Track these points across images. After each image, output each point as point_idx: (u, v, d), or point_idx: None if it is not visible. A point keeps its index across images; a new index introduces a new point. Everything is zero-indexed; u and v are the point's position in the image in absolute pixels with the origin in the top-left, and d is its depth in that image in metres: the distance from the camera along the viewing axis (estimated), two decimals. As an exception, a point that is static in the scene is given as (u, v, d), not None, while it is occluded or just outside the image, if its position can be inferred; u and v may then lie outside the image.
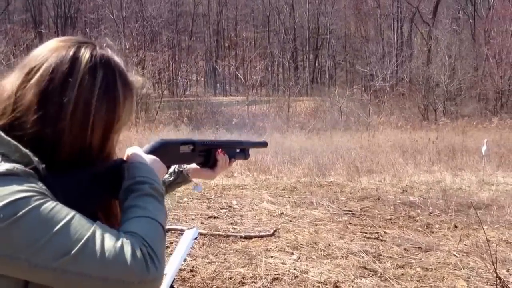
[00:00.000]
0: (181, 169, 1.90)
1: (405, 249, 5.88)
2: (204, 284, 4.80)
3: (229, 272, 5.05)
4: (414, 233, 6.58)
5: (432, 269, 5.20)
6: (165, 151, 1.57)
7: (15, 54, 24.84)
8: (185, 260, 5.25)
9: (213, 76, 50.99)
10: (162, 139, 1.61)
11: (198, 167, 1.88)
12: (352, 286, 4.73)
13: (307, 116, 29.38)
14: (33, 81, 1.16)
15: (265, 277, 4.90)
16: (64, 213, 1.05)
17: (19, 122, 1.15)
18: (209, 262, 5.31)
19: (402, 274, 5.06)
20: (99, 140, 1.21)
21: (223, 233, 6.29)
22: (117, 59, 1.27)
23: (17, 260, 0.99)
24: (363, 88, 41.19)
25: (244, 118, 25.61)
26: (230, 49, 51.88)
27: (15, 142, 1.11)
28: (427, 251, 5.81)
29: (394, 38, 43.77)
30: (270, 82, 45.60)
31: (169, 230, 6.28)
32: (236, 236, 6.20)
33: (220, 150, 1.91)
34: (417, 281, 4.89)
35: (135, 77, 1.33)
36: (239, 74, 39.05)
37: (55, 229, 1.02)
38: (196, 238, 3.55)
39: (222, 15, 54.22)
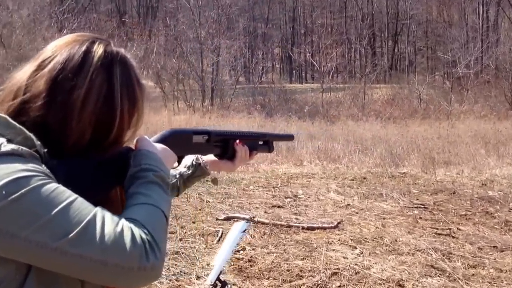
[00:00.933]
0: (199, 161, 1.82)
1: (478, 247, 5.49)
2: (261, 275, 4.65)
3: (287, 264, 4.89)
4: (490, 231, 6.16)
5: (506, 271, 4.81)
6: (176, 140, 1.52)
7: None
8: (238, 250, 5.13)
9: (289, 63, 50.75)
10: (172, 128, 1.55)
11: (216, 159, 1.81)
12: (417, 286, 4.45)
13: (384, 104, 28.58)
14: (45, 70, 1.17)
15: (324, 271, 4.70)
16: (66, 195, 1.04)
17: (25, 107, 1.16)
18: (268, 253, 5.16)
19: (473, 274, 4.72)
20: (114, 133, 1.21)
21: (285, 223, 6.12)
22: (132, 59, 1.29)
23: (17, 239, 0.99)
24: (444, 75, 39.70)
25: (318, 106, 25.28)
26: (306, 36, 51.38)
27: (20, 126, 1.11)
28: (503, 251, 5.40)
29: (479, 23, 41.81)
30: (346, 69, 44.73)
31: (232, 218, 6.19)
32: (298, 227, 6.02)
33: (238, 141, 1.81)
34: (489, 283, 4.54)
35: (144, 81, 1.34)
36: (313, 62, 38.61)
37: (56, 209, 1.01)
38: (245, 231, 3.41)
39: (298, 2, 53.68)
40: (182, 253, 4.97)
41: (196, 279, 4.43)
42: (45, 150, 1.11)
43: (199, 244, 5.23)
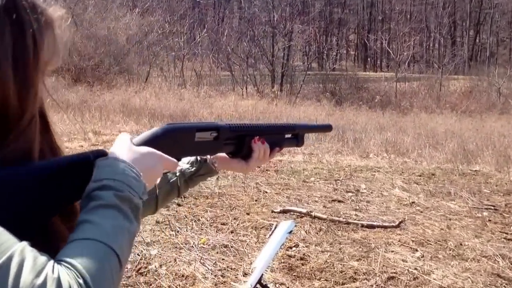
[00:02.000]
0: (204, 157, 1.52)
1: (553, 258, 5.04)
2: (312, 275, 4.42)
3: (341, 264, 4.63)
4: None
5: None
6: (172, 139, 1.25)
7: (170, 22, 25.81)
8: (290, 247, 4.91)
9: (364, 50, 49.72)
10: (168, 124, 1.26)
11: (227, 156, 1.52)
12: (480, 298, 4.10)
13: (460, 96, 27.44)
14: None
15: (380, 275, 4.41)
16: None
17: None
18: (322, 251, 4.91)
19: (545, 289, 4.31)
20: (13, 93, 0.90)
21: (344, 220, 5.83)
22: None
23: None
24: (528, 68, 37.84)
25: (390, 96, 24.57)
26: (383, 23, 50.13)
27: None
28: None
29: None
30: (423, 58, 43.35)
31: (289, 211, 5.97)
32: (357, 224, 5.73)
33: (257, 138, 1.51)
34: (563, 300, 4.13)
35: (51, 7, 1.01)
36: (389, 49, 37.59)
37: None
38: (291, 232, 3.20)
39: (377, -13, 52.42)
40: (232, 246, 4.80)
41: (243, 276, 4.25)
42: None
43: (251, 238, 5.04)
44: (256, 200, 6.35)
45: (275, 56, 23.86)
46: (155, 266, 4.28)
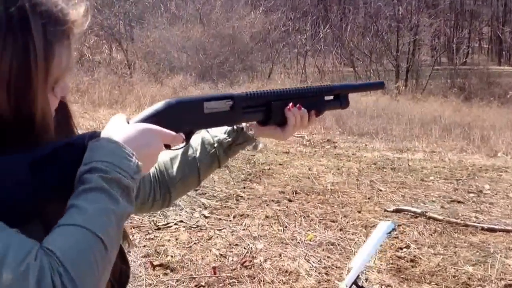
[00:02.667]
0: (241, 126, 1.46)
1: None
2: (422, 278, 4.24)
3: (454, 268, 4.39)
4: None
5: None
6: (177, 113, 1.20)
7: (293, 20, 25.97)
8: (401, 248, 4.74)
9: (498, 44, 46.88)
10: (172, 98, 1.22)
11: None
12: None
13: None
14: None
15: (496, 282, 4.14)
16: None
17: None
18: (435, 254, 4.69)
19: None
20: (7, 105, 0.89)
21: (462, 222, 5.53)
22: None
23: None
24: None
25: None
26: (520, 14, 46.97)
27: None
28: None
29: None
30: None
31: (402, 210, 5.77)
32: (476, 227, 5.40)
33: (291, 104, 1.42)
34: None
35: (72, 9, 0.98)
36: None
37: None
38: (390, 233, 3.07)
39: (513, -24, 49.15)
40: (339, 245, 4.72)
41: (348, 274, 4.16)
42: None
43: (359, 237, 4.92)
44: (369, 198, 6.20)
45: (400, 51, 23.23)
46: (260, 260, 4.32)
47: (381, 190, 6.54)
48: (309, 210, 5.61)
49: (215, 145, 1.45)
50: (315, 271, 4.19)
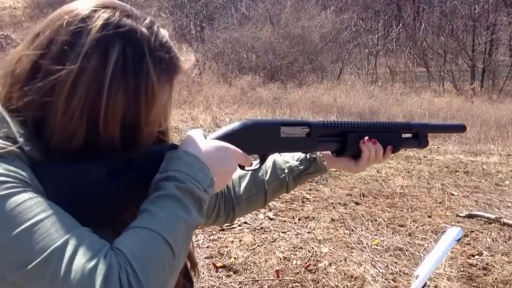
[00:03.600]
0: (314, 155, 1.45)
1: None
2: (494, 287, 4.04)
3: (530, 279, 4.17)
4: None
5: None
6: (253, 134, 1.19)
7: (364, 19, 25.59)
8: (473, 255, 4.54)
9: None
10: (248, 119, 1.21)
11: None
12: None
13: None
14: (32, 47, 0.95)
15: None
16: (37, 211, 0.81)
17: (11, 94, 0.95)
18: (509, 262, 4.47)
19: None
20: (118, 133, 0.96)
21: (540, 229, 5.25)
22: (148, 30, 0.97)
23: None
24: None
25: None
26: None
27: (5, 116, 0.91)
28: None
29: None
30: None
31: (475, 216, 5.54)
32: (555, 235, 5.12)
33: (366, 138, 1.40)
34: None
35: (183, 56, 1.02)
36: None
37: (19, 229, 0.79)
38: (459, 240, 2.93)
39: None
40: (407, 250, 4.57)
41: (414, 281, 4.01)
42: (28, 148, 0.89)
43: (429, 242, 4.75)
44: (440, 203, 5.99)
45: (476, 50, 22.41)
46: (325, 264, 4.24)
47: (453, 195, 6.31)
48: (377, 214, 5.48)
49: (286, 171, 1.46)
50: (382, 277, 4.07)
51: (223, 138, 1.13)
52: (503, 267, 4.35)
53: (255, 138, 1.20)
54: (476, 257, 4.55)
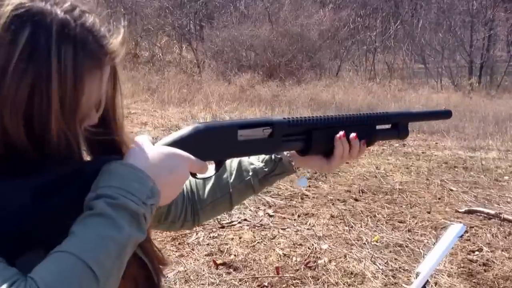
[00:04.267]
0: (279, 156, 1.35)
1: None
2: (495, 283, 4.05)
3: (530, 274, 4.18)
4: None
5: None
6: (207, 139, 1.10)
7: (362, 17, 25.59)
8: (473, 251, 4.54)
9: None
10: (201, 123, 1.11)
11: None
12: None
13: None
14: None
15: None
16: None
17: None
18: (510, 258, 4.48)
19: None
20: (23, 134, 0.85)
21: (539, 224, 5.26)
22: (66, 14, 0.87)
23: None
24: None
25: None
26: None
27: None
28: None
29: None
30: None
31: (475, 212, 5.54)
32: (554, 230, 5.13)
33: (342, 133, 1.29)
34: None
35: (112, 37, 0.92)
36: None
37: None
38: (462, 236, 2.93)
39: None
40: (407, 246, 4.58)
41: (416, 278, 4.02)
42: None
43: (429, 238, 4.76)
44: (439, 199, 6.00)
45: (474, 46, 22.42)
46: (324, 261, 4.24)
47: (452, 190, 6.31)
48: (376, 210, 5.48)
49: (250, 173, 1.36)
50: (382, 273, 4.08)
51: (173, 144, 1.04)
52: (503, 263, 4.36)
53: (208, 143, 1.11)
54: (476, 253, 4.56)
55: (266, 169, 1.36)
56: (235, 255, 4.31)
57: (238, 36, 19.64)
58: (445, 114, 1.56)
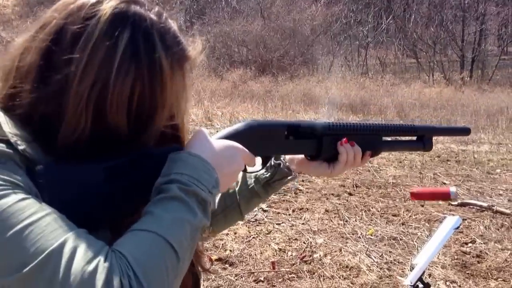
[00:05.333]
0: (278, 161, 1.37)
1: None
2: (488, 274, 4.09)
3: (523, 264, 4.22)
4: None
5: None
6: (258, 136, 1.16)
7: (355, 12, 25.61)
8: (466, 243, 4.58)
9: None
10: (253, 120, 1.17)
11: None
12: None
13: None
14: (39, 38, 0.91)
15: None
16: (30, 212, 0.77)
17: (16, 90, 0.91)
18: (502, 249, 4.52)
19: None
20: (125, 122, 0.92)
21: (530, 216, 5.31)
22: (157, 18, 0.95)
23: None
24: None
25: None
26: None
27: None
28: None
29: None
30: None
31: (467, 204, 5.58)
32: (548, 221, 5.18)
33: (345, 139, 1.32)
34: None
35: (191, 45, 0.99)
36: None
37: (10, 232, 0.75)
38: (457, 228, 2.96)
39: None
40: (401, 239, 4.61)
41: (410, 271, 4.05)
42: (23, 147, 0.84)
43: (422, 231, 4.80)
44: (432, 192, 6.03)
45: (465, 41, 22.50)
46: (320, 255, 4.27)
47: (445, 183, 6.36)
48: (370, 204, 5.51)
49: (253, 180, 1.40)
50: (377, 266, 4.11)
51: (228, 137, 1.11)
52: (496, 254, 4.40)
53: (260, 139, 1.17)
54: (470, 245, 4.60)
55: (267, 175, 1.38)
56: (230, 251, 4.33)
57: (230, 32, 19.63)
58: (465, 131, 1.65)
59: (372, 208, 5.39)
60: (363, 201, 5.59)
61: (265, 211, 5.21)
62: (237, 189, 1.40)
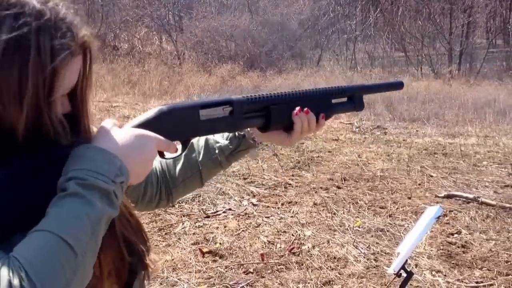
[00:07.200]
0: (243, 132, 1.42)
1: None
2: (473, 263, 4.18)
3: (507, 254, 4.32)
4: None
5: None
6: (171, 120, 1.15)
7: (342, 5, 25.66)
8: (452, 234, 4.67)
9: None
10: (165, 104, 1.16)
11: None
12: None
13: None
14: None
15: (551, 269, 4.03)
16: None
17: None
18: (487, 239, 4.61)
19: None
20: (21, 120, 0.90)
21: (516, 207, 5.40)
22: (41, 5, 0.92)
23: None
24: None
25: None
26: None
27: None
28: None
29: None
30: None
31: (454, 196, 5.67)
32: (531, 212, 5.27)
33: (299, 108, 1.34)
34: None
35: (82, 30, 0.98)
36: None
37: None
38: (438, 218, 3.04)
39: None
40: (388, 231, 4.69)
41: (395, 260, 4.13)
42: None
43: (409, 223, 4.87)
44: (419, 184, 6.12)
45: (453, 34, 22.62)
46: (308, 247, 4.34)
47: (432, 176, 6.44)
48: (358, 197, 5.59)
49: (217, 151, 1.44)
50: (364, 257, 4.18)
51: (139, 126, 1.09)
52: (481, 244, 4.49)
53: (173, 124, 1.15)
54: (455, 235, 4.68)
55: (231, 146, 1.43)
56: (220, 243, 4.39)
57: (218, 27, 19.60)
58: (398, 85, 1.63)
59: (360, 200, 5.47)
60: (351, 194, 5.67)
61: (254, 205, 5.28)
62: (199, 160, 1.44)
